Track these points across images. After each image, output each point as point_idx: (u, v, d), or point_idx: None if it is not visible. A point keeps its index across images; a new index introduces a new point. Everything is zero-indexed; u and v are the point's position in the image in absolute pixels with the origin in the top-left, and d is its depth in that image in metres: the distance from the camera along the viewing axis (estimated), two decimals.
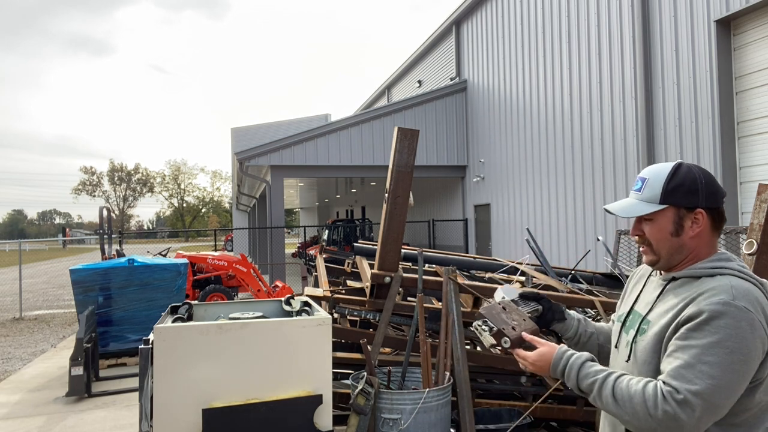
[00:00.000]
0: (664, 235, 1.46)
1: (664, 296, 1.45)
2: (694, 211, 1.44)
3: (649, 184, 1.48)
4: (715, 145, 7.63)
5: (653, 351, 1.40)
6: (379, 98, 26.60)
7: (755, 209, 2.60)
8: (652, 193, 1.47)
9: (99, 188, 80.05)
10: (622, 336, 1.56)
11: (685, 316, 1.33)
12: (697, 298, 1.34)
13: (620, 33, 9.46)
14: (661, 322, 1.40)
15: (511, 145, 13.24)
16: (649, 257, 1.50)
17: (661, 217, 1.46)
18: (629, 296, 1.66)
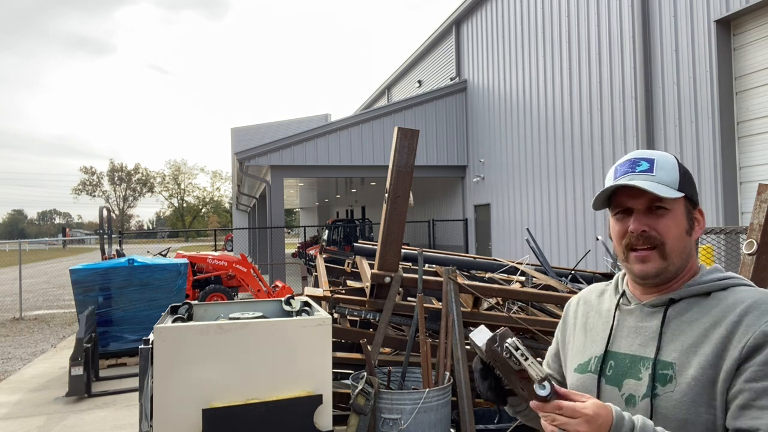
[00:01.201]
0: (681, 232, 1.16)
1: (674, 327, 1.12)
2: (696, 209, 1.21)
3: (661, 166, 1.18)
4: (715, 145, 7.63)
5: (698, 404, 1.03)
6: (379, 98, 26.60)
7: (755, 209, 2.60)
8: (668, 176, 1.16)
9: (99, 188, 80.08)
10: (608, 390, 1.18)
11: (746, 348, 1.00)
12: (743, 320, 1.03)
13: (620, 33, 9.46)
14: (697, 362, 1.05)
15: (511, 145, 13.24)
16: (655, 264, 1.14)
17: (678, 209, 1.16)
18: (591, 335, 1.28)
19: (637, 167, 1.19)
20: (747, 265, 2.59)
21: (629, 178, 1.17)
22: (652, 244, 1.15)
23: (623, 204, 1.19)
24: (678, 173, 1.18)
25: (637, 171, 1.18)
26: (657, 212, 1.16)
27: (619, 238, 1.20)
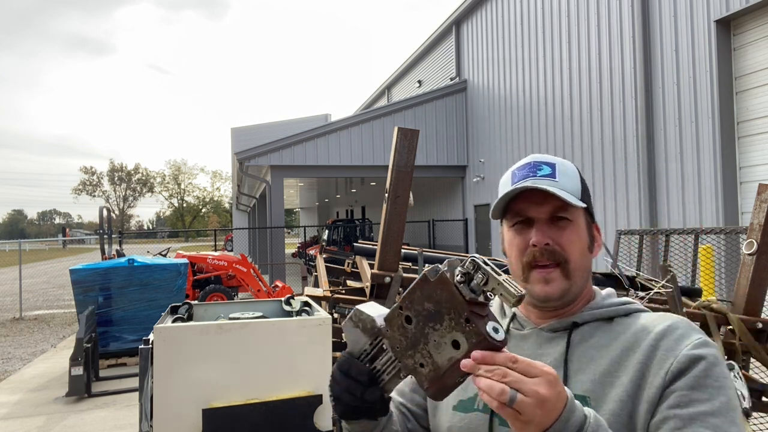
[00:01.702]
0: (584, 248, 1.03)
1: (580, 353, 0.99)
2: (594, 224, 1.10)
3: (563, 172, 1.05)
4: (715, 145, 7.63)
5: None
6: (379, 98, 26.60)
7: (755, 209, 2.60)
8: (571, 184, 1.04)
9: (99, 188, 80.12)
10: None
11: (670, 373, 0.90)
12: (661, 344, 0.93)
13: (620, 33, 9.46)
14: (615, 393, 0.93)
15: (511, 144, 13.24)
16: (558, 284, 1.00)
17: (581, 221, 1.04)
18: None
19: (539, 171, 1.05)
20: (747, 265, 2.59)
21: (532, 181, 1.02)
22: (556, 261, 1.00)
23: (523, 212, 1.03)
24: (579, 181, 1.07)
25: (539, 176, 1.04)
26: (559, 224, 1.02)
27: (519, 253, 1.03)
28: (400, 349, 0.81)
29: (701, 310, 2.56)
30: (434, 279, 0.76)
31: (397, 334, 0.81)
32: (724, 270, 5.92)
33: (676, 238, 4.66)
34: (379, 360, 0.86)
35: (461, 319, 0.74)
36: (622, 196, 9.47)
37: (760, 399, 2.51)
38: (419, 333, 0.78)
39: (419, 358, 0.78)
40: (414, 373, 0.79)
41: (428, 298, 0.77)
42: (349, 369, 0.87)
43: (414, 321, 0.78)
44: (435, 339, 0.76)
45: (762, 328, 2.49)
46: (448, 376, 0.76)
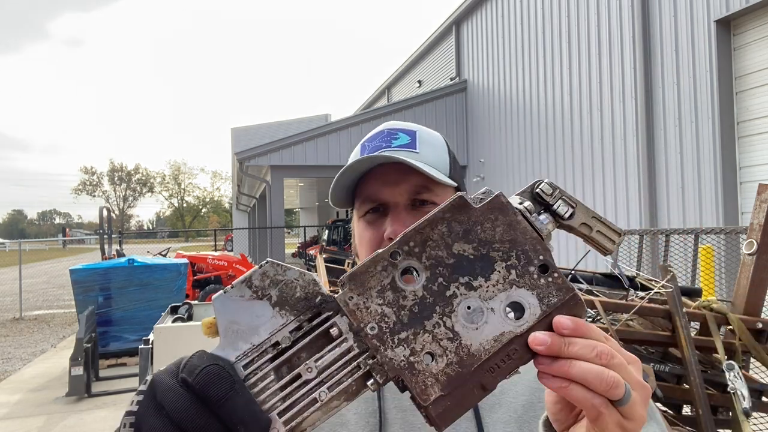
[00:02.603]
0: None
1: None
2: None
3: (426, 141, 0.84)
4: (715, 145, 7.63)
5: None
6: (379, 98, 26.60)
7: (755, 209, 2.60)
8: (436, 156, 0.84)
9: (99, 188, 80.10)
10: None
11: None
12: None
13: (620, 33, 9.46)
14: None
15: (511, 145, 13.24)
16: None
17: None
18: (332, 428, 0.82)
19: (394, 141, 0.84)
20: (747, 265, 2.59)
21: (387, 152, 0.81)
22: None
23: (375, 196, 0.81)
24: (448, 155, 0.86)
25: (395, 146, 0.83)
26: (422, 209, 0.80)
27: (372, 251, 0.77)
28: (379, 332, 0.45)
29: (701, 310, 2.56)
30: (483, 204, 0.49)
31: (376, 304, 0.46)
32: (724, 270, 5.92)
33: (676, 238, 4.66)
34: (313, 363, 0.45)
35: (531, 266, 0.48)
36: (622, 196, 9.47)
37: (760, 399, 2.51)
38: (435, 297, 0.46)
39: (426, 344, 0.45)
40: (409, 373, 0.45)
41: (465, 237, 0.48)
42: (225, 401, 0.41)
43: (425, 277, 0.47)
44: (471, 305, 0.46)
45: (762, 328, 2.49)
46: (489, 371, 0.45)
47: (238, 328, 0.46)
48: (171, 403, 0.41)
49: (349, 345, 0.46)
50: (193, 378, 0.42)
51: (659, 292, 2.60)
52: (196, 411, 0.41)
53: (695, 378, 2.37)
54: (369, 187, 0.82)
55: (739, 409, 2.26)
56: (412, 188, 0.80)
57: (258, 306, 0.46)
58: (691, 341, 2.42)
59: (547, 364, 0.45)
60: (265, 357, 0.45)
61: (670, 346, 2.56)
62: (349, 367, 0.46)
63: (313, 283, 0.47)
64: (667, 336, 2.49)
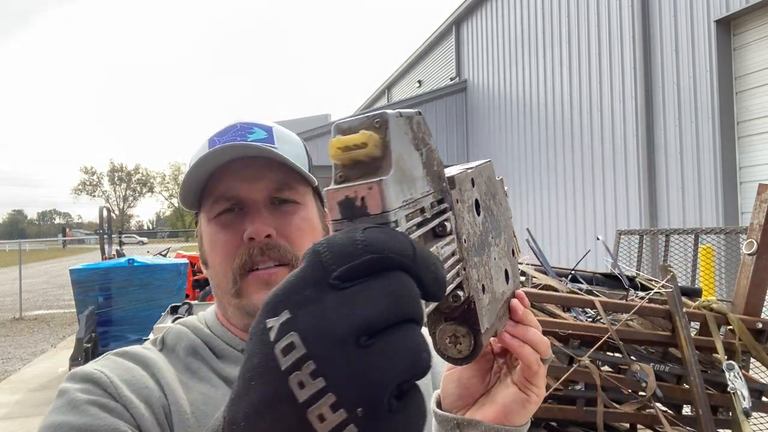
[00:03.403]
0: (318, 234, 0.78)
1: None
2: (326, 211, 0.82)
3: (283, 138, 0.79)
4: (715, 145, 7.63)
5: None
6: (379, 98, 26.60)
7: (755, 209, 2.60)
8: (294, 152, 0.79)
9: (99, 188, 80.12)
10: None
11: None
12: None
13: (620, 33, 9.46)
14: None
15: (511, 145, 13.24)
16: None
17: (311, 204, 0.80)
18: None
19: (249, 135, 0.76)
20: (747, 265, 2.59)
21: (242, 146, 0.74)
22: (282, 260, 0.72)
23: (230, 193, 0.74)
24: (306, 154, 0.82)
25: (250, 140, 0.76)
26: (283, 208, 0.75)
27: (228, 255, 0.73)
28: (468, 246, 0.43)
29: (701, 310, 2.56)
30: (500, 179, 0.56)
31: (467, 217, 0.44)
32: (724, 270, 5.92)
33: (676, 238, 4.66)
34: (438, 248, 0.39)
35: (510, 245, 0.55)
36: (622, 196, 9.47)
37: (760, 399, 2.51)
38: (483, 237, 0.47)
39: (482, 276, 0.45)
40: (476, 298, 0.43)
41: (493, 197, 0.51)
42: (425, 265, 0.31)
43: (483, 215, 0.48)
44: (495, 257, 0.49)
45: (762, 328, 2.49)
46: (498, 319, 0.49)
47: (404, 168, 0.36)
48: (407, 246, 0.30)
49: (454, 247, 0.41)
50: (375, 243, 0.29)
51: (659, 292, 2.60)
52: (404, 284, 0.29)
53: (695, 378, 2.37)
54: (223, 184, 0.74)
55: (739, 409, 2.26)
56: (273, 185, 0.74)
57: (414, 156, 0.38)
58: (691, 341, 2.42)
59: (513, 326, 0.54)
60: (416, 219, 0.37)
61: (670, 346, 2.56)
62: (453, 270, 0.41)
63: (440, 164, 0.42)
64: (667, 336, 2.49)
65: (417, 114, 0.40)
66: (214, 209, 0.75)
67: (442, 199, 0.41)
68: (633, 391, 2.39)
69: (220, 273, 0.75)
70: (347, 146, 0.34)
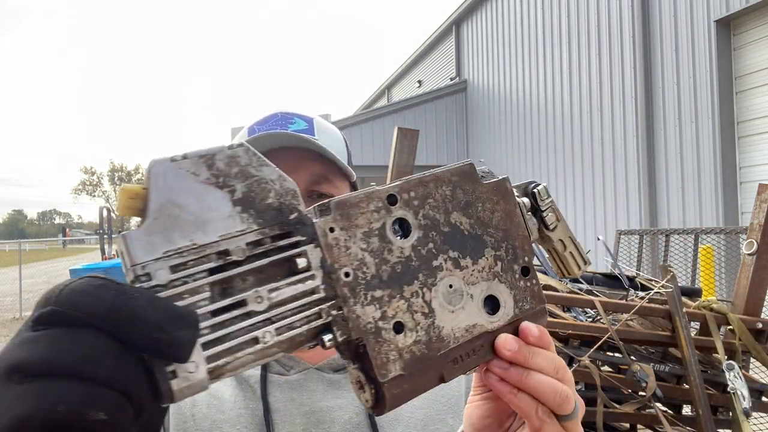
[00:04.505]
0: None
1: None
2: None
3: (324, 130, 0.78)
4: (715, 145, 7.63)
5: None
6: (379, 98, 26.61)
7: (755, 209, 2.60)
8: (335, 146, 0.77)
9: (99, 188, 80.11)
10: None
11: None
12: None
13: (620, 33, 9.46)
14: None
15: (511, 145, 13.25)
16: None
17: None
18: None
19: (290, 125, 0.76)
20: (747, 265, 2.59)
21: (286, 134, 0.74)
22: None
23: None
24: (346, 148, 0.80)
25: (291, 130, 0.75)
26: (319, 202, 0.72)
27: None
28: (353, 281, 0.38)
29: (701, 310, 2.56)
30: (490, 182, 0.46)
31: (358, 247, 0.39)
32: (724, 270, 5.92)
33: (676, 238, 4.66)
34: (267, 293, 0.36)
35: (516, 264, 0.44)
36: (622, 196, 9.47)
37: (760, 399, 2.51)
38: (421, 262, 0.40)
39: (398, 313, 0.39)
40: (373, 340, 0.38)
41: (465, 209, 0.43)
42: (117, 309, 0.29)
43: (416, 236, 0.41)
44: (453, 284, 0.41)
45: (762, 328, 2.49)
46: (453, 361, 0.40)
47: (179, 215, 0.34)
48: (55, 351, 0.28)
49: (316, 285, 0.37)
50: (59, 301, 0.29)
51: (659, 292, 2.60)
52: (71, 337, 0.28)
53: (695, 378, 2.37)
54: None
55: (739, 409, 2.26)
56: (311, 177, 0.71)
57: (214, 195, 0.35)
58: (691, 341, 2.42)
59: (502, 369, 0.42)
60: (205, 265, 0.34)
61: (670, 346, 2.56)
62: (307, 312, 0.37)
63: (293, 194, 0.38)
64: (667, 336, 2.49)
65: (228, 148, 0.36)
66: None
67: (289, 233, 0.37)
68: (633, 391, 2.39)
69: None
70: (129, 196, 0.33)
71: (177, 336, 0.30)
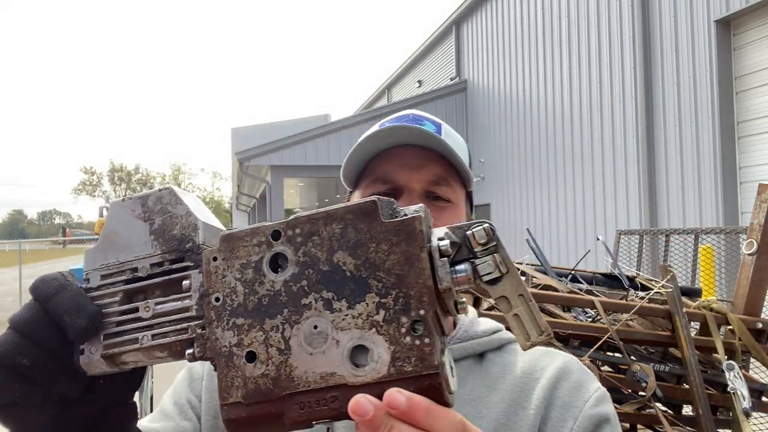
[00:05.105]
0: None
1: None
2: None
3: (450, 135, 0.78)
4: (715, 145, 7.63)
5: None
6: (379, 98, 26.61)
7: (755, 209, 2.60)
8: (459, 149, 0.77)
9: (99, 188, 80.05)
10: None
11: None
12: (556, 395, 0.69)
13: (620, 33, 9.46)
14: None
15: (511, 145, 13.24)
16: None
17: (462, 206, 0.78)
18: None
19: (420, 125, 0.75)
20: (747, 265, 2.59)
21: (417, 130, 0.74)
22: None
23: (390, 177, 0.73)
24: (468, 155, 0.80)
25: (420, 125, 0.76)
26: (436, 203, 0.73)
27: None
28: (221, 305, 0.41)
29: (701, 310, 2.56)
30: (392, 221, 0.39)
31: (233, 276, 0.41)
32: (724, 270, 5.92)
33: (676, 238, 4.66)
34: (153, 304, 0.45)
35: (405, 317, 0.38)
36: (622, 196, 9.47)
37: (760, 399, 2.51)
38: (289, 298, 0.40)
39: (254, 342, 0.40)
40: (224, 363, 0.40)
41: (354, 249, 0.39)
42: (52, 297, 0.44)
43: (291, 272, 0.40)
44: (318, 326, 0.39)
45: (762, 328, 2.49)
46: (299, 406, 0.39)
47: (116, 239, 0.48)
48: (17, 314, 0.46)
49: (190, 304, 0.43)
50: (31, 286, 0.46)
51: (659, 292, 2.60)
52: (28, 309, 0.45)
53: (695, 378, 2.37)
54: (383, 166, 0.73)
55: (739, 409, 2.26)
56: (432, 177, 0.72)
57: (139, 226, 0.47)
58: (691, 341, 2.42)
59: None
60: (122, 277, 0.47)
61: (670, 346, 2.56)
62: (178, 326, 0.44)
63: (193, 227, 0.46)
64: (667, 336, 2.49)
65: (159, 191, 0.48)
66: (370, 189, 0.75)
67: (183, 258, 0.45)
68: (633, 391, 2.39)
69: None
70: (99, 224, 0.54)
71: (75, 321, 0.43)
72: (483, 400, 0.68)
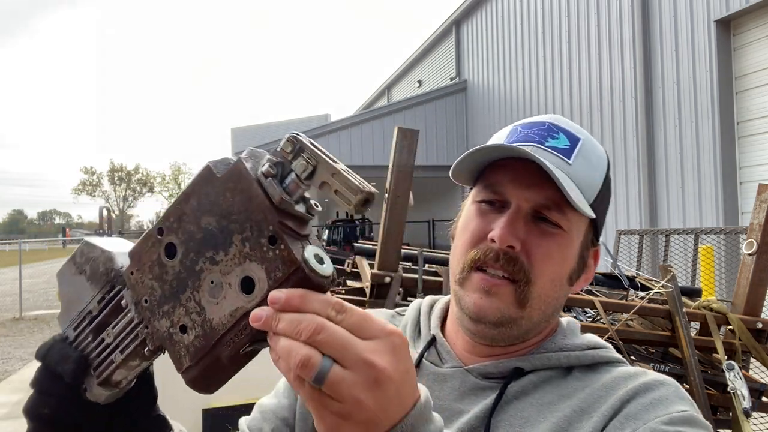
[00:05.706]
0: (564, 273, 0.71)
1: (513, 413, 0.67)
2: (595, 248, 0.78)
3: (586, 155, 0.72)
4: (715, 145, 7.63)
5: None
6: (379, 98, 26.61)
7: (755, 209, 2.60)
8: (589, 175, 0.72)
9: (99, 188, 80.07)
10: None
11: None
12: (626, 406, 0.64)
13: (620, 33, 9.46)
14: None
15: None
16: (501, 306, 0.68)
17: (577, 236, 0.72)
18: None
19: (550, 139, 0.72)
20: (747, 265, 2.59)
21: (532, 149, 0.69)
22: (513, 275, 0.67)
23: (499, 188, 0.71)
24: (602, 179, 0.73)
25: (547, 145, 0.71)
26: (543, 226, 0.69)
27: (470, 242, 0.71)
28: (150, 304, 0.49)
29: (701, 310, 2.56)
30: (224, 173, 0.46)
31: (148, 279, 0.49)
32: (724, 270, 5.92)
33: (676, 238, 4.66)
34: (111, 329, 0.53)
35: (262, 238, 0.44)
36: (622, 196, 9.47)
37: (760, 399, 2.51)
38: (187, 272, 0.47)
39: (181, 317, 0.47)
40: (169, 343, 0.48)
41: (210, 209, 0.46)
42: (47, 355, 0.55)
43: (181, 252, 0.47)
44: (213, 280, 0.46)
45: (762, 328, 2.49)
46: (227, 344, 0.46)
47: (70, 298, 0.57)
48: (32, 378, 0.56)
49: (132, 315, 0.52)
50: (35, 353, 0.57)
51: (659, 292, 2.60)
52: (36, 370, 0.55)
53: (695, 378, 2.37)
54: (498, 175, 0.71)
55: (739, 409, 2.26)
56: (543, 200, 0.68)
57: (79, 280, 0.56)
58: (691, 341, 2.42)
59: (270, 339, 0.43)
60: (85, 322, 0.55)
61: (670, 346, 2.56)
62: (132, 335, 0.52)
63: (109, 259, 0.55)
64: (667, 336, 2.49)
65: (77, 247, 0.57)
66: (480, 194, 0.73)
67: (113, 286, 0.54)
68: None
69: (457, 254, 0.73)
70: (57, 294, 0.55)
71: (65, 368, 0.53)
72: (550, 406, 0.67)
